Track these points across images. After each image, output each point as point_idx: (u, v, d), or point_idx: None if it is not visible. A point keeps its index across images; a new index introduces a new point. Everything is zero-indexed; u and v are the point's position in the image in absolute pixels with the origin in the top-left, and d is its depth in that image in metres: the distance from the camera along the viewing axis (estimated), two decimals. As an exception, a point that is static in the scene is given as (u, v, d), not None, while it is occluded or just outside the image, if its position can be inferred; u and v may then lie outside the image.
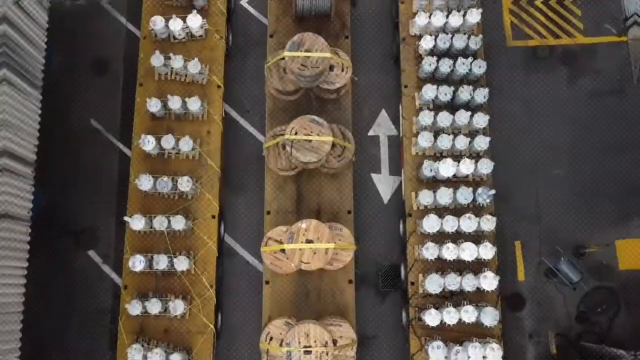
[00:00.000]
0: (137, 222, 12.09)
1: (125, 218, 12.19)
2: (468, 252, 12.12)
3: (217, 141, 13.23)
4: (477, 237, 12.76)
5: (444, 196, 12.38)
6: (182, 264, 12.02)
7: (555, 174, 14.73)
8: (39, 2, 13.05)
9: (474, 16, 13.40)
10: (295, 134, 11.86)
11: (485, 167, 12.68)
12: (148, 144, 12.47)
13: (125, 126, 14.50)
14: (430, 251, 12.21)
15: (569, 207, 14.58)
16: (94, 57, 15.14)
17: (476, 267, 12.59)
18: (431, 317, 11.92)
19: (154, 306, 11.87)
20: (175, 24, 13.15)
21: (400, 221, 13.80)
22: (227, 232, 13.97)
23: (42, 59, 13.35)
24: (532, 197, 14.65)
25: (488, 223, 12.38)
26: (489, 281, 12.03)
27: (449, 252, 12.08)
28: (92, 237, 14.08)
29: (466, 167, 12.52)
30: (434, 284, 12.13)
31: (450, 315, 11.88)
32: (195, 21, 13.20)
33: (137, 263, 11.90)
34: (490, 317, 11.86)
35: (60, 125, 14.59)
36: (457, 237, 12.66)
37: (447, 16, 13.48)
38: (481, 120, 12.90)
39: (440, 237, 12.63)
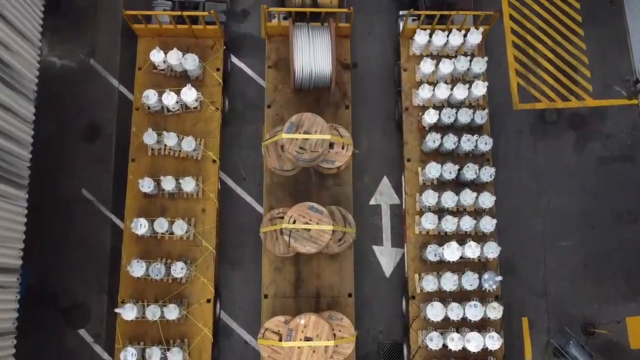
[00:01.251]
0: (128, 313, 11.57)
1: (117, 310, 11.68)
2: (474, 343, 11.61)
3: (212, 220, 12.71)
4: (483, 322, 12.28)
5: (449, 282, 11.88)
6: (175, 357, 11.50)
7: (563, 245, 14.26)
8: (25, 96, 12.39)
9: (480, 89, 12.88)
10: (294, 222, 11.34)
11: (492, 251, 12.17)
12: (140, 227, 11.96)
13: (117, 196, 13.94)
14: (434, 342, 11.70)
15: (578, 280, 14.05)
16: (86, 122, 14.59)
17: (482, 354, 12.10)
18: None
19: (148, 397, 11.39)
20: (169, 98, 12.62)
21: (403, 298, 13.31)
22: (223, 310, 13.46)
23: (28, 155, 12.62)
24: (540, 270, 14.11)
25: (494, 312, 11.89)
26: (496, 368, 11.57)
27: (454, 343, 11.57)
28: (83, 315, 13.54)
29: (472, 251, 12.01)
30: (438, 374, 11.66)
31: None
32: (189, 95, 12.67)
33: (129, 357, 11.39)
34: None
35: (50, 195, 14.10)
36: (463, 323, 12.18)
37: (452, 88, 13.02)
38: (487, 200, 12.39)
39: (445, 324, 12.15)
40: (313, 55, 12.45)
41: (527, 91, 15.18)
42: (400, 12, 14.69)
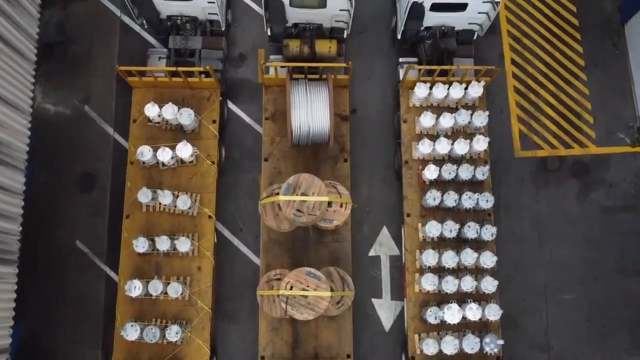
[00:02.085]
0: (122, 378, 11.36)
1: (110, 376, 11.46)
2: (475, 408, 11.39)
3: (208, 278, 12.46)
4: (484, 383, 12.06)
5: (449, 347, 11.61)
6: None
7: (566, 298, 14.00)
8: (15, 167, 12.16)
9: (481, 144, 12.63)
10: (291, 288, 11.08)
11: (494, 314, 11.91)
12: (135, 290, 11.71)
13: (112, 248, 13.66)
14: (435, 407, 11.49)
15: (581, 334, 13.77)
16: (80, 172, 14.33)
17: (483, 417, 11.88)
18: None
19: None
20: (164, 155, 12.38)
21: (402, 355, 13.04)
22: (219, 366, 13.25)
23: (18, 228, 12.42)
24: (542, 324, 13.83)
25: (496, 377, 11.65)
26: None
27: (455, 409, 11.35)
28: (77, 372, 13.36)
29: (473, 313, 11.76)
30: None
31: None
32: (185, 151, 12.42)
33: None
34: None
35: (43, 247, 13.84)
36: (463, 386, 11.95)
37: (453, 141, 12.77)
38: (488, 260, 12.12)
39: (446, 387, 11.92)
40: (311, 112, 12.21)
41: (529, 138, 14.94)
42: (400, 60, 14.48)
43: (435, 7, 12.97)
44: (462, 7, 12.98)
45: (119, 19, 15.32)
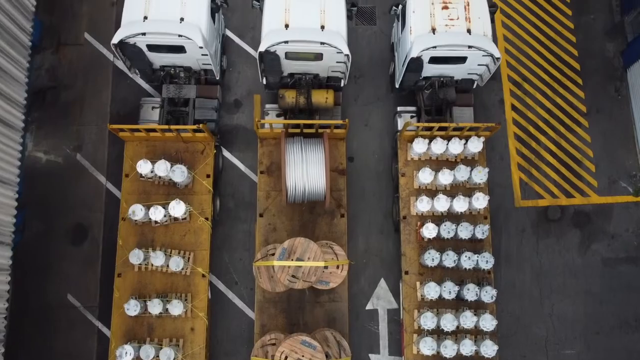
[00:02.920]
0: None
1: None
2: None
3: (202, 339, 12.16)
4: None
5: (449, 413, 11.36)
6: None
7: (567, 353, 13.72)
8: (2, 243, 11.84)
9: (481, 202, 12.35)
10: (285, 358, 10.80)
11: (494, 378, 11.66)
12: (126, 355, 11.42)
13: (104, 302, 13.40)
14: None
15: (583, 391, 13.59)
16: (72, 223, 14.04)
17: None
18: None
19: None
20: (157, 213, 12.10)
21: (401, 414, 12.79)
22: None
23: (4, 306, 12.18)
24: (543, 380, 13.66)
25: None
26: None
27: None
28: None
29: (472, 379, 11.52)
30: None
31: None
32: (178, 210, 12.14)
33: None
34: None
35: (33, 302, 13.54)
36: None
37: (452, 199, 12.49)
38: (488, 323, 11.84)
39: None
40: (306, 171, 11.93)
41: (530, 187, 14.65)
42: (398, 109, 14.23)
43: (433, 60, 12.72)
44: (462, 60, 12.72)
45: (112, 63, 15.06)
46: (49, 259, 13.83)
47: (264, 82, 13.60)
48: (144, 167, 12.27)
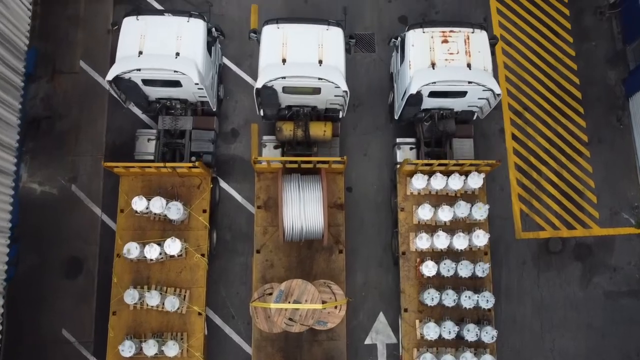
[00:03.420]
0: None
1: None
2: None
3: (198, 379, 12.03)
4: None
5: None
6: None
7: (569, 390, 13.60)
8: None
9: (481, 239, 12.17)
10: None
11: (494, 421, 11.48)
12: (120, 398, 11.28)
13: (99, 337, 13.18)
14: None
15: None
16: (67, 256, 13.83)
17: None
18: None
19: None
20: (152, 252, 11.92)
21: None
22: None
23: None
24: (544, 417, 13.48)
25: None
26: None
27: None
28: None
29: (473, 422, 11.33)
30: None
31: None
32: (173, 248, 11.97)
33: None
34: None
35: (27, 337, 13.33)
36: None
37: (452, 235, 12.31)
38: (489, 363, 11.70)
39: None
40: (304, 210, 11.74)
41: (531, 218, 14.45)
42: (397, 140, 14.04)
43: (433, 94, 12.53)
44: (462, 94, 12.54)
45: (107, 92, 14.82)
46: (43, 292, 13.63)
47: (261, 114, 13.43)
48: (139, 204, 12.09)
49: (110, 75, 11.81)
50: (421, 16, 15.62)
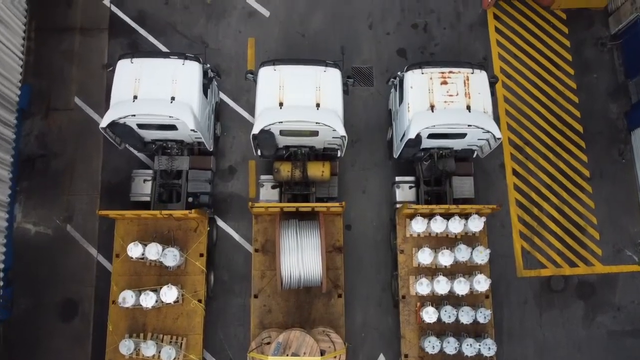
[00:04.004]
0: None
1: None
2: None
3: None
4: None
5: None
6: None
7: None
8: None
9: (482, 285, 11.97)
10: None
11: None
12: None
13: (96, 380, 13.12)
14: None
15: None
16: (62, 298, 13.62)
17: None
18: None
19: None
20: (148, 300, 11.71)
21: None
22: None
23: None
24: None
25: None
26: None
27: None
28: None
29: None
30: None
31: None
32: (170, 295, 11.76)
33: None
34: None
35: (22, 382, 13.25)
36: None
37: (452, 279, 12.11)
38: (491, 414, 11.50)
39: None
40: (302, 259, 11.55)
41: (532, 256, 14.24)
42: (396, 179, 13.83)
43: (432, 136, 12.34)
44: (461, 135, 12.37)
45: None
46: (38, 335, 13.41)
47: (259, 154, 13.24)
48: (134, 250, 11.89)
49: (104, 122, 11.62)
50: (420, 49, 15.47)
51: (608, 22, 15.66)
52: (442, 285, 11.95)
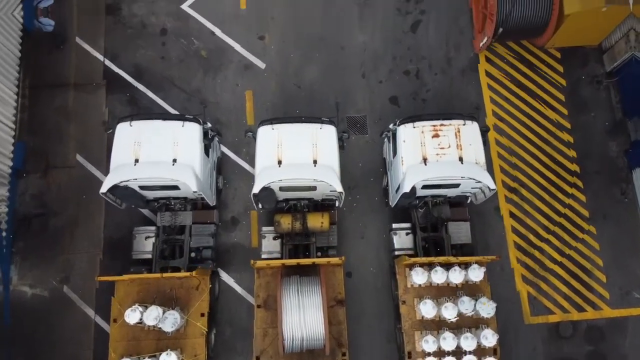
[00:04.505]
0: None
1: None
2: None
3: None
4: None
5: None
6: None
7: None
8: None
9: (490, 340, 11.67)
10: None
11: None
12: None
13: None
14: None
15: None
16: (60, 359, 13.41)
17: None
18: None
19: None
20: (147, 366, 11.46)
21: None
22: None
23: None
24: None
25: None
26: None
27: None
28: None
29: None
30: None
31: None
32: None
33: None
34: None
35: None
36: None
37: (459, 337, 11.82)
38: None
39: None
40: (304, 319, 11.34)
41: (539, 301, 13.94)
42: (393, 226, 13.73)
43: (426, 187, 12.35)
44: (454, 185, 12.35)
45: (104, 185, 14.57)
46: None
47: (259, 209, 13.11)
48: (132, 316, 11.61)
49: (105, 187, 11.56)
50: (412, 95, 15.49)
51: (602, 59, 15.72)
52: (448, 342, 11.65)
